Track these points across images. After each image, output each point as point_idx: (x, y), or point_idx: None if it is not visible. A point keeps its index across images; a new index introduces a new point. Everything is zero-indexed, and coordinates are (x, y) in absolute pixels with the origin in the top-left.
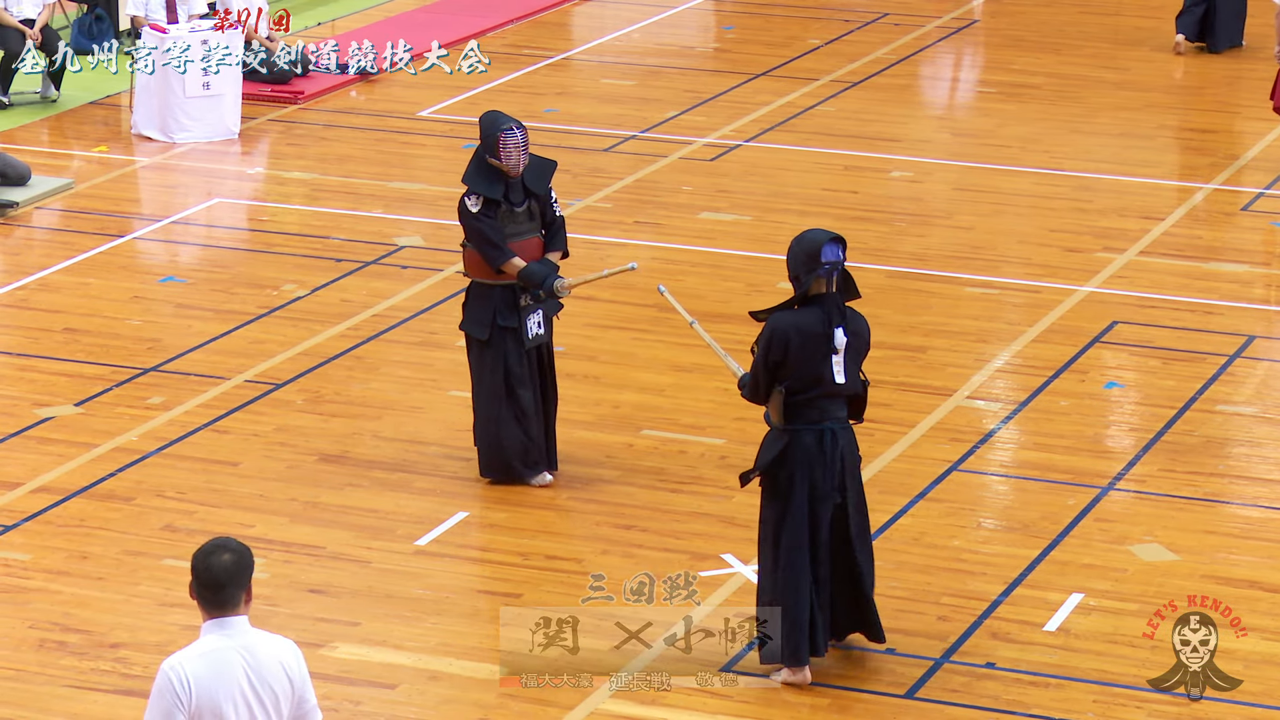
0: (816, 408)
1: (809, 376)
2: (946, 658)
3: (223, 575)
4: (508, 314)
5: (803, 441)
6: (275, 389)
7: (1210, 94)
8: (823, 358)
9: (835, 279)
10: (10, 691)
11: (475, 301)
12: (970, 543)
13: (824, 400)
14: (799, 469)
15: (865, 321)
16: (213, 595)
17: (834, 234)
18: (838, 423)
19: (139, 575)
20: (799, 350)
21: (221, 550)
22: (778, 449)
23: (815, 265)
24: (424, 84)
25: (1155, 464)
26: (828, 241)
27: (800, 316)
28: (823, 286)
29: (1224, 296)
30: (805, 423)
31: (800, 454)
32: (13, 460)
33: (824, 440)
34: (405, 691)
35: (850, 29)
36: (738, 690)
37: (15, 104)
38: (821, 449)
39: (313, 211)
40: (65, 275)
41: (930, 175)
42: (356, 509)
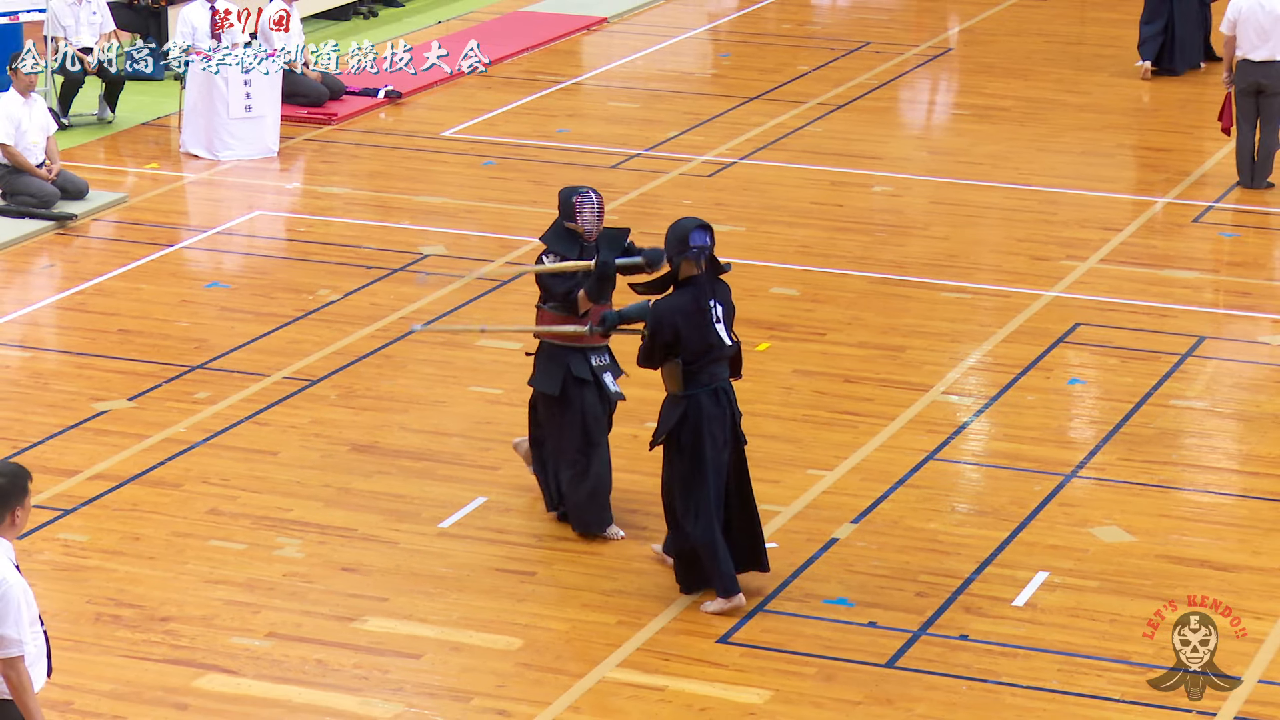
0: (708, 372)
1: (700, 347)
2: (924, 630)
3: None
4: (582, 368)
5: (701, 403)
6: (311, 385)
7: (1165, 116)
8: (707, 328)
9: (704, 260)
10: (70, 661)
11: (547, 361)
12: (945, 525)
13: (713, 365)
14: (702, 427)
15: (730, 290)
16: None
17: (702, 221)
18: (725, 382)
19: (186, 555)
20: (686, 328)
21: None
22: (680, 412)
23: (685, 249)
24: (447, 106)
25: (1114, 454)
26: (695, 228)
27: (678, 299)
28: (693, 268)
29: (1177, 301)
30: (700, 386)
31: (700, 414)
32: (72, 450)
33: (719, 399)
34: (429, 661)
35: (836, 56)
36: (734, 660)
37: (74, 125)
38: (718, 406)
39: (345, 223)
40: (119, 281)
41: (909, 190)
42: (385, 494)
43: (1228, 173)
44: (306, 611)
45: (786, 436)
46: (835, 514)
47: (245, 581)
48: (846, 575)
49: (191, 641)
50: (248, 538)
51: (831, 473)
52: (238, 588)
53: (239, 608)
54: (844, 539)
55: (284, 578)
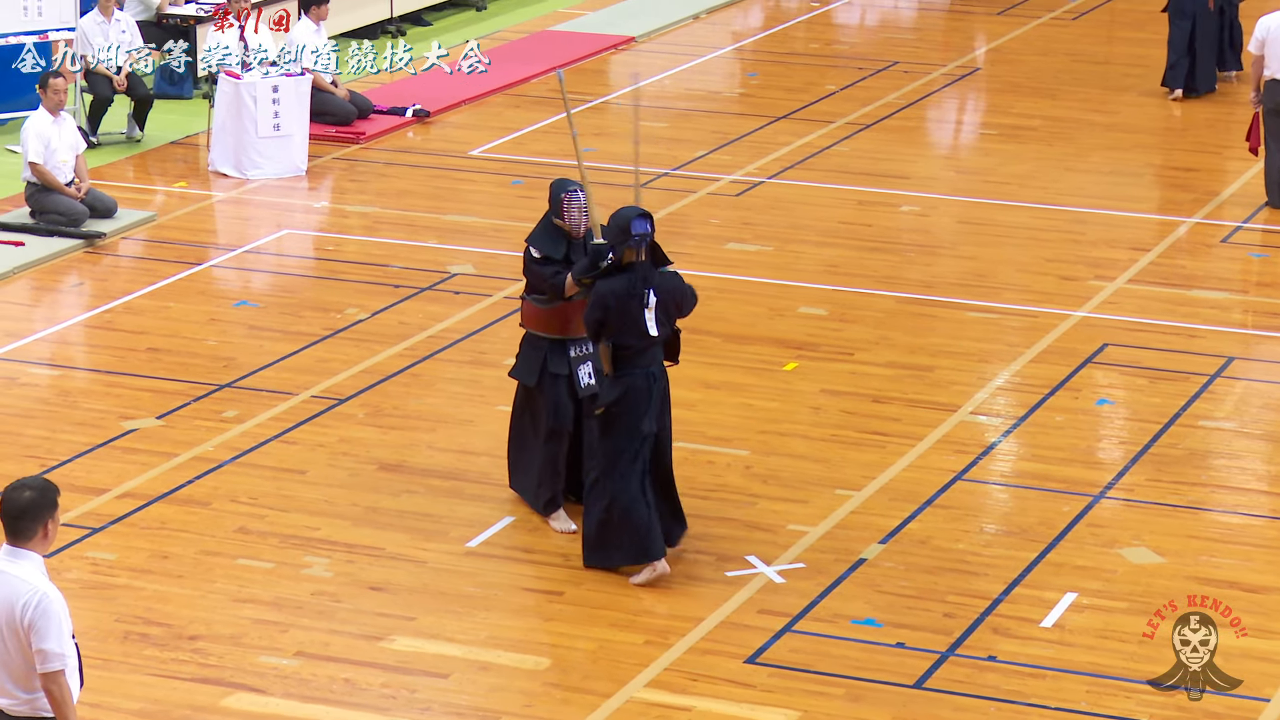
0: (643, 355)
1: (630, 331)
2: (952, 651)
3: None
4: (558, 362)
5: (635, 385)
6: (339, 403)
7: (1192, 135)
8: (638, 314)
9: (644, 249)
10: (98, 679)
11: (528, 350)
12: (973, 546)
13: (647, 350)
14: (633, 407)
15: (679, 281)
16: (8, 525)
17: (642, 210)
18: (657, 367)
19: (215, 573)
20: (617, 310)
21: (24, 488)
22: (618, 391)
23: (626, 237)
24: (475, 125)
25: (1143, 474)
26: (636, 217)
27: (614, 283)
28: (633, 255)
29: (1205, 321)
30: (634, 368)
31: (633, 395)
32: (100, 468)
33: (649, 382)
34: (457, 680)
35: (863, 76)
36: (761, 680)
37: (104, 143)
38: (648, 390)
39: (373, 241)
40: (148, 299)
41: (936, 209)
42: (413, 513)
43: (1256, 193)
44: (334, 630)
45: (814, 456)
46: (863, 534)
47: (273, 600)
48: (874, 595)
49: (220, 660)
50: (276, 556)
51: (859, 493)
52: (266, 606)
53: (267, 626)
54: (872, 559)
55: (312, 596)
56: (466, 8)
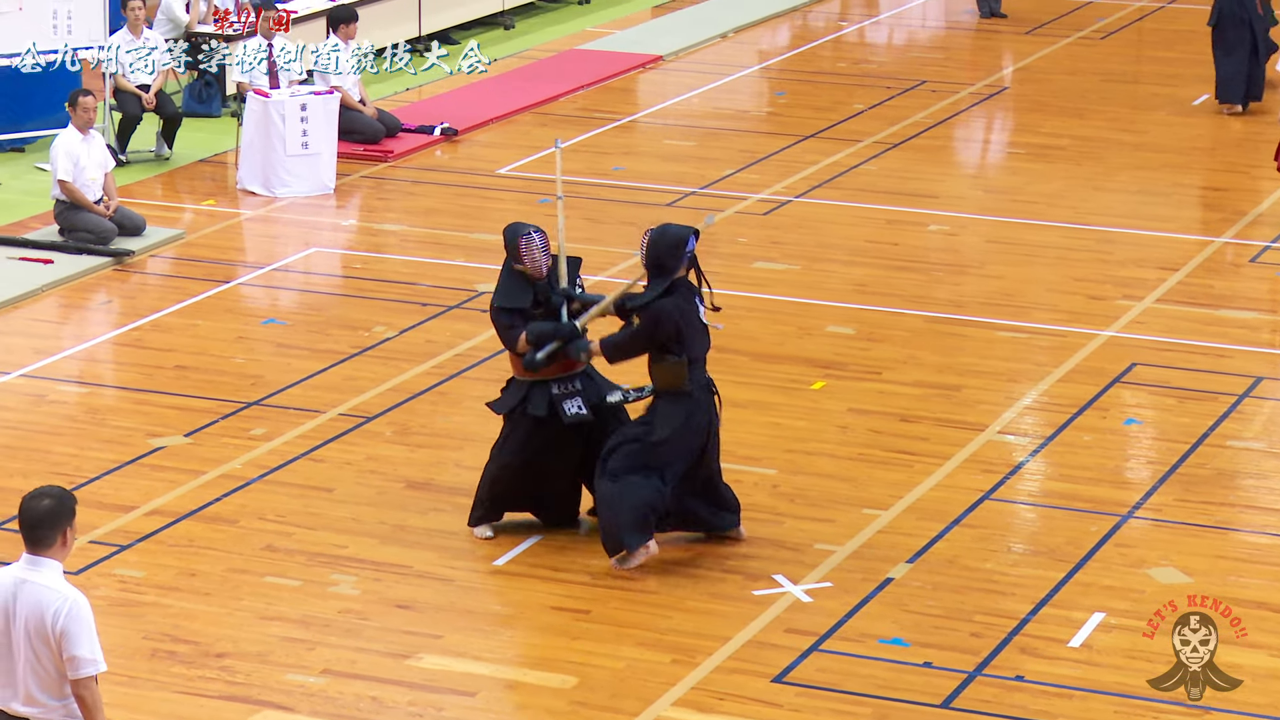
0: (701, 369)
1: (700, 345)
2: (979, 670)
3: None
4: (538, 404)
5: (700, 402)
6: (366, 421)
7: (1221, 155)
8: (702, 327)
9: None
10: (125, 696)
11: (511, 389)
12: (1001, 565)
13: (703, 362)
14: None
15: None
16: (27, 533)
17: (692, 228)
18: (708, 377)
19: (242, 591)
20: (686, 326)
21: (43, 496)
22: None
23: (681, 253)
24: (503, 144)
25: (1171, 494)
26: (692, 234)
27: (677, 301)
28: (684, 270)
29: (1234, 341)
30: (698, 385)
31: (700, 412)
32: (128, 485)
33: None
34: (484, 699)
35: (891, 95)
36: (789, 700)
37: (132, 161)
38: (710, 401)
39: (401, 260)
40: (176, 317)
41: (965, 228)
42: (440, 531)
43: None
44: (361, 648)
45: (842, 475)
46: (890, 553)
47: (300, 618)
48: (902, 615)
49: (247, 678)
50: (303, 574)
51: (887, 512)
52: (293, 624)
53: (294, 644)
54: (899, 578)
55: (339, 614)
56: (495, 26)
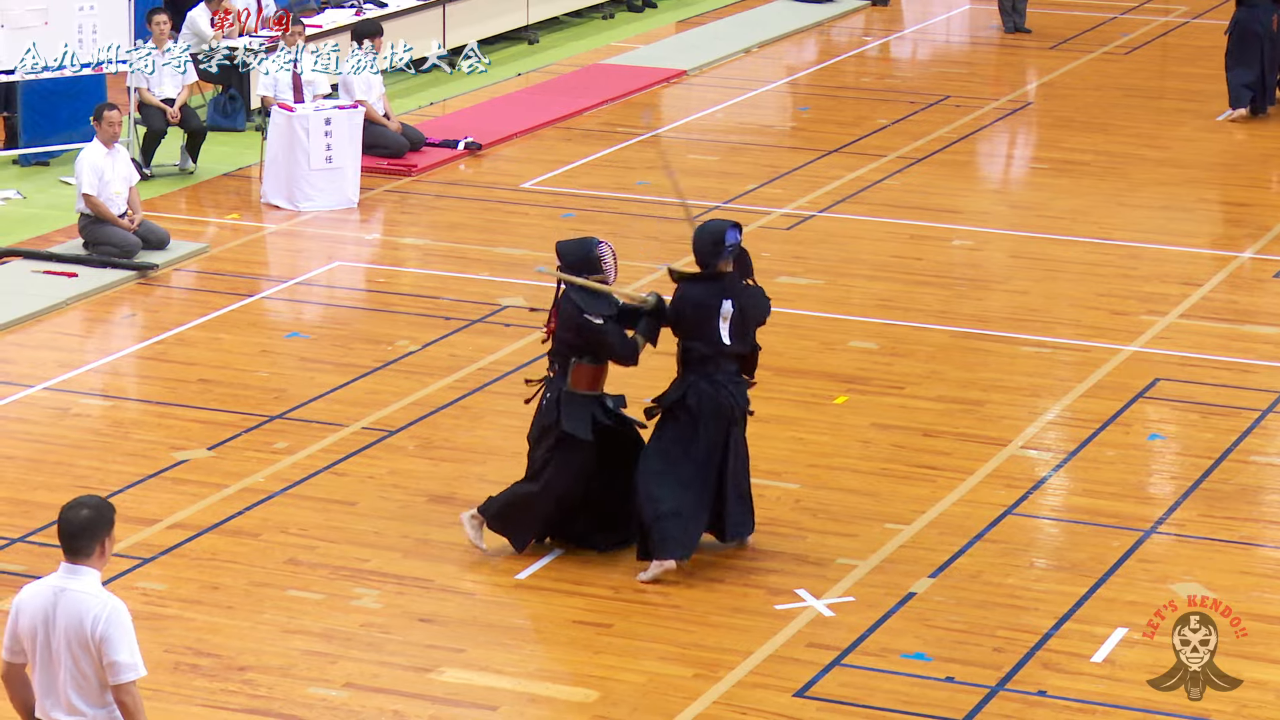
0: (711, 362)
1: (702, 337)
2: (1001, 686)
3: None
4: (603, 415)
5: (700, 387)
6: (389, 435)
7: (1245, 170)
8: (712, 322)
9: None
10: (148, 709)
11: (574, 409)
12: (1024, 580)
13: (715, 357)
14: (700, 410)
15: (763, 296)
16: (66, 543)
17: (734, 221)
18: (726, 376)
19: (264, 604)
20: (691, 315)
21: (82, 506)
22: (680, 392)
23: (721, 248)
24: (527, 158)
25: (1194, 509)
26: (730, 227)
27: (697, 289)
28: (727, 265)
29: (1258, 356)
30: (700, 375)
31: (700, 398)
32: (151, 499)
33: (718, 390)
34: (505, 713)
35: (915, 110)
36: (810, 715)
37: (156, 175)
38: (714, 397)
39: (424, 274)
40: (200, 331)
41: (988, 244)
42: (462, 545)
43: None
44: (383, 662)
45: (864, 490)
46: (913, 568)
47: (323, 632)
48: (924, 630)
49: (269, 691)
50: (325, 588)
51: (909, 526)
52: (315, 638)
53: (316, 658)
54: (922, 593)
55: (361, 628)
56: (519, 41)
